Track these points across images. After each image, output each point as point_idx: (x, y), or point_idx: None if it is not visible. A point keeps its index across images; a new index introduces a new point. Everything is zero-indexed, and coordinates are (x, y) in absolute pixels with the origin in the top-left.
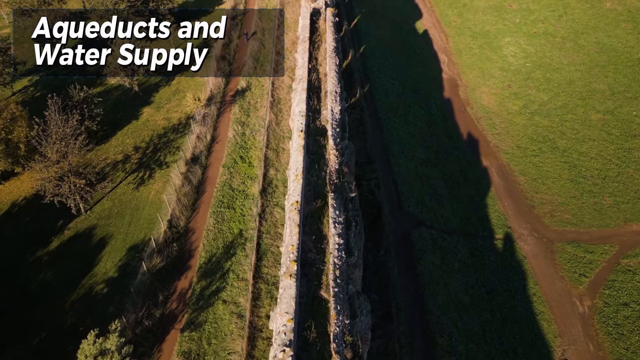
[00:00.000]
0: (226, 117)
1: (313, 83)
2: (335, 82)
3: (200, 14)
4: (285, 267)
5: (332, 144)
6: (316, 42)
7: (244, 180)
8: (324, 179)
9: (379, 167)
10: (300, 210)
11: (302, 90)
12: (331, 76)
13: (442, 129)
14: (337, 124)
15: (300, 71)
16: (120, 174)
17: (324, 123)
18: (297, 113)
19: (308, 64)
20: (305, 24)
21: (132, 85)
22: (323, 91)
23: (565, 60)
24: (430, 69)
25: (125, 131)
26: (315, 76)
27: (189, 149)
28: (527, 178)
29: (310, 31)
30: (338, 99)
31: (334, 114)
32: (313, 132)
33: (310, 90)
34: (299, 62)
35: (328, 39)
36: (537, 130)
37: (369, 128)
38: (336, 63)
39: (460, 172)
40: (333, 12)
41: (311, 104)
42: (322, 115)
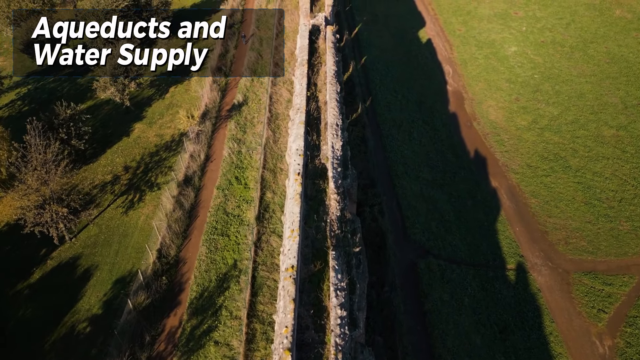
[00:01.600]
0: (221, 134)
1: (312, 114)
2: (337, 113)
3: None
4: (278, 357)
5: (333, 187)
6: (315, 65)
7: (239, 203)
8: (324, 231)
9: (383, 190)
10: (296, 278)
11: (299, 124)
12: (332, 106)
13: (447, 146)
14: (338, 162)
15: (298, 99)
16: (109, 196)
17: (324, 161)
18: (294, 151)
19: (307, 90)
20: (303, 44)
21: (122, 100)
22: (323, 122)
23: (575, 72)
24: (435, 80)
25: (115, 149)
26: (315, 105)
27: (182, 169)
28: (539, 200)
29: (309, 52)
30: (339, 133)
31: (335, 150)
32: (312, 172)
33: (309, 121)
34: (297, 87)
35: (328, 61)
36: (547, 147)
37: (371, 146)
38: (337, 90)
39: (468, 194)
40: (333, 30)
41: (309, 139)
42: (321, 151)
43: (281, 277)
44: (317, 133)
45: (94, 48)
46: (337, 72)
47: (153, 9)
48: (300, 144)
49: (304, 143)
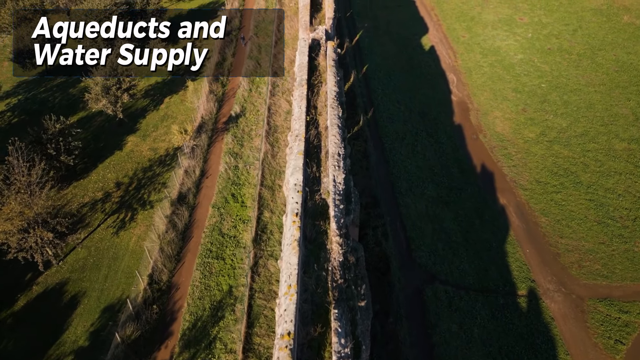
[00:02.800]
0: (218, 147)
1: (312, 141)
2: (338, 141)
3: None
4: None
5: (335, 227)
6: (315, 85)
7: (236, 223)
8: (325, 281)
9: (386, 210)
10: (293, 348)
11: (298, 154)
12: (333, 133)
13: (453, 160)
14: (340, 198)
15: (296, 124)
16: (99, 215)
17: (325, 196)
18: (292, 186)
19: (306, 115)
20: (302, 62)
21: (115, 112)
22: (323, 150)
23: (583, 81)
24: (439, 90)
25: (107, 164)
26: (314, 132)
27: (176, 186)
28: (550, 219)
29: (308, 69)
30: (341, 164)
31: (337, 184)
32: (311, 211)
33: (308, 150)
34: (295, 110)
35: (329, 82)
36: (557, 161)
37: (374, 161)
38: (339, 115)
39: (475, 213)
40: (334, 46)
41: (309, 172)
42: (322, 185)
43: (276, 345)
44: (317, 163)
45: (93, 48)
46: (339, 93)
47: (148, 16)
48: (298, 178)
49: (303, 176)
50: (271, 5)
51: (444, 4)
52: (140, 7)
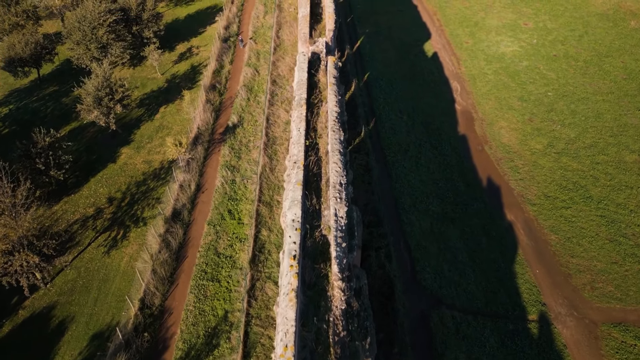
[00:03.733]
0: (214, 160)
1: (311, 169)
2: (340, 168)
3: (189, 35)
4: None
5: (337, 271)
6: (315, 104)
7: (232, 242)
8: (326, 336)
9: (389, 229)
10: None
11: (296, 184)
12: (334, 160)
13: (458, 173)
14: (342, 235)
15: (295, 148)
16: (90, 233)
17: (325, 232)
18: (290, 223)
19: (305, 139)
20: (301, 79)
21: (108, 123)
22: (324, 179)
23: (591, 89)
24: (442, 99)
25: (100, 177)
26: (314, 157)
27: (170, 202)
28: (559, 237)
29: (308, 86)
30: (343, 195)
31: (339, 219)
32: (311, 251)
33: (308, 179)
34: (294, 133)
35: (330, 101)
36: (565, 174)
37: (376, 175)
38: (340, 138)
39: (481, 230)
40: (335, 61)
41: (308, 205)
42: (322, 218)
43: None
44: (317, 193)
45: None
46: (340, 114)
47: (144, 22)
48: (297, 213)
49: (302, 211)
50: (270, 10)
51: (447, 9)
52: (135, 14)
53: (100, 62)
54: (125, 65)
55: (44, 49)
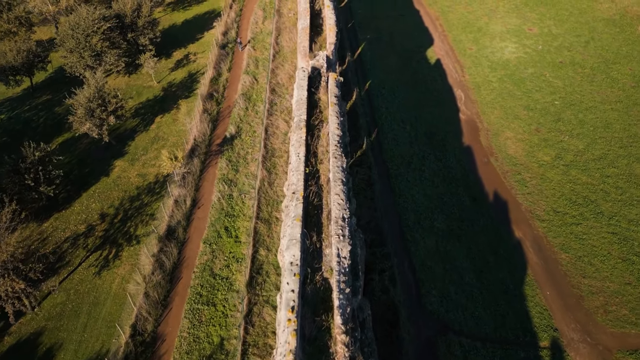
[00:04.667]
0: (211, 173)
1: (311, 200)
2: (342, 201)
3: (187, 41)
4: None
5: (340, 322)
6: (316, 126)
7: (229, 262)
8: None
9: (393, 248)
10: None
11: (295, 220)
12: (336, 191)
13: (463, 187)
14: (346, 279)
15: (294, 177)
16: (81, 252)
17: (327, 275)
18: (287, 266)
19: (304, 166)
20: (301, 98)
21: (101, 135)
22: (325, 211)
23: (599, 97)
24: (446, 108)
25: (92, 192)
26: (315, 187)
27: (165, 219)
28: (570, 256)
29: (308, 104)
30: (347, 232)
31: (342, 260)
32: (310, 299)
33: (307, 211)
34: (293, 159)
35: (331, 123)
36: (575, 188)
37: (378, 190)
38: (342, 166)
39: (489, 248)
40: (337, 78)
41: (308, 243)
42: (323, 258)
43: None
44: (317, 229)
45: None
46: (342, 137)
47: (139, 28)
48: (295, 254)
49: (301, 252)
50: (269, 16)
51: (449, 14)
52: (130, 20)
53: (94, 71)
54: (121, 73)
55: (37, 57)
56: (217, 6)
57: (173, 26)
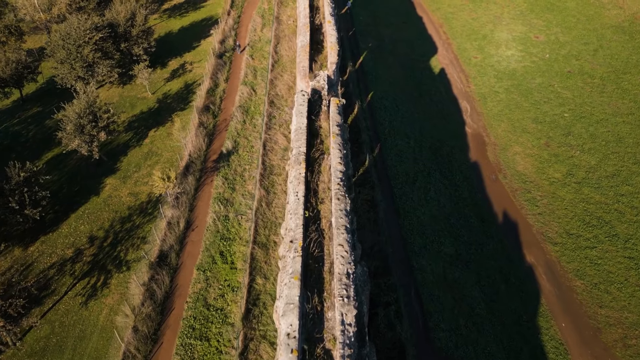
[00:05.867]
0: (206, 192)
1: (312, 251)
2: (347, 253)
3: (183, 50)
4: None
5: None
6: (316, 159)
7: (224, 291)
8: None
9: (398, 277)
10: None
11: (293, 278)
12: (339, 241)
13: (471, 206)
14: (351, 351)
15: (292, 221)
16: (67, 279)
17: (329, 346)
18: (284, 339)
19: (304, 208)
20: (300, 127)
21: (91, 152)
22: (327, 264)
23: (609, 109)
24: (451, 120)
25: (81, 213)
26: (315, 234)
27: (157, 243)
28: (585, 283)
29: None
30: (352, 292)
31: (346, 328)
32: None
33: (307, 264)
34: (291, 199)
35: (333, 156)
36: (588, 208)
37: (382, 211)
38: (346, 209)
39: (499, 274)
40: (339, 104)
41: (308, 308)
42: (325, 323)
43: None
44: (318, 288)
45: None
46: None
47: (133, 38)
48: (294, 324)
49: (300, 318)
50: (268, 23)
51: (453, 21)
52: (123, 29)
53: (86, 82)
54: (114, 84)
55: (27, 68)
56: (215, 13)
57: (169, 34)
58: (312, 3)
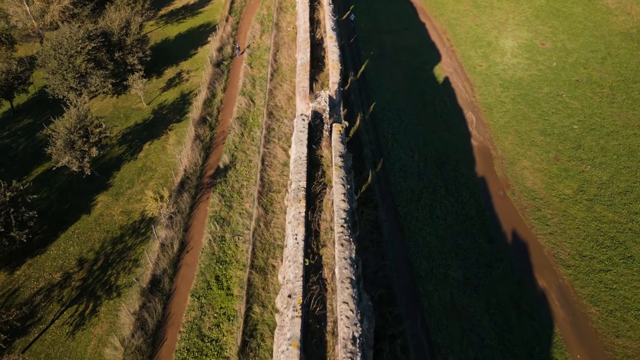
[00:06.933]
0: (202, 210)
1: (313, 309)
2: (353, 312)
3: (180, 58)
4: None
5: None
6: (317, 195)
7: (219, 319)
8: None
9: (405, 307)
10: None
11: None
12: (344, 297)
13: (478, 226)
14: None
15: (290, 272)
16: (55, 306)
17: None
18: None
19: (304, 256)
20: (300, 156)
21: (82, 168)
22: (330, 324)
23: (620, 121)
24: (456, 132)
25: (71, 233)
26: (317, 287)
27: (149, 266)
28: (601, 310)
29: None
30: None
31: None
32: None
33: (307, 323)
34: (289, 243)
35: (336, 193)
36: (601, 227)
37: (386, 232)
38: (352, 256)
39: (510, 301)
40: (342, 130)
41: None
42: None
43: None
44: (320, 354)
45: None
46: (350, 212)
47: (127, 47)
48: None
49: None
50: (267, 29)
51: (457, 27)
52: (117, 38)
53: (78, 93)
54: (108, 94)
55: (17, 78)
56: (213, 19)
57: (166, 41)
58: (313, 16)
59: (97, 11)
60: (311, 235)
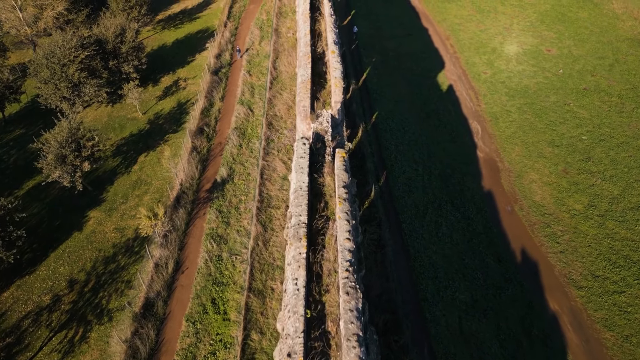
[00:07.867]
0: (198, 226)
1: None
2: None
3: (177, 65)
4: None
5: None
6: (320, 230)
7: (215, 347)
8: None
9: (411, 334)
10: None
11: None
12: (350, 358)
13: (486, 244)
14: None
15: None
16: (43, 332)
17: None
18: None
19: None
20: (300, 186)
21: (73, 183)
22: None
23: (630, 131)
24: (461, 143)
25: (61, 252)
26: (320, 344)
27: (142, 289)
28: (615, 335)
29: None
30: None
31: None
32: None
33: None
34: (289, 289)
35: (340, 233)
36: (613, 245)
37: (391, 253)
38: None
39: (520, 325)
40: (346, 156)
41: None
42: None
43: None
44: None
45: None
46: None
47: (122, 55)
48: None
49: None
50: (267, 35)
51: (460, 33)
52: (112, 46)
53: (71, 102)
54: (103, 103)
55: (9, 88)
56: (211, 24)
57: (163, 47)
58: (314, 27)
59: (92, 17)
60: (313, 280)
